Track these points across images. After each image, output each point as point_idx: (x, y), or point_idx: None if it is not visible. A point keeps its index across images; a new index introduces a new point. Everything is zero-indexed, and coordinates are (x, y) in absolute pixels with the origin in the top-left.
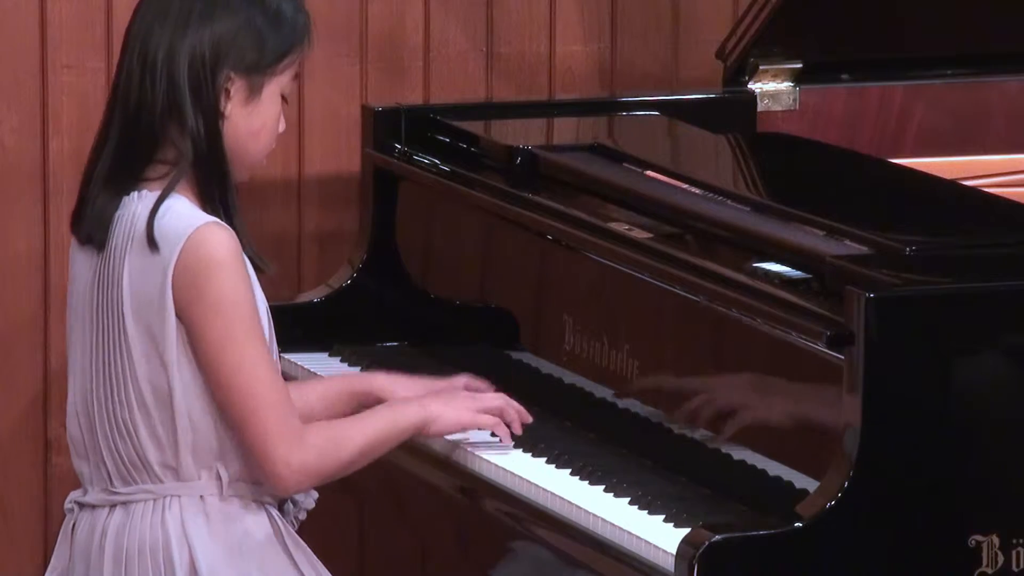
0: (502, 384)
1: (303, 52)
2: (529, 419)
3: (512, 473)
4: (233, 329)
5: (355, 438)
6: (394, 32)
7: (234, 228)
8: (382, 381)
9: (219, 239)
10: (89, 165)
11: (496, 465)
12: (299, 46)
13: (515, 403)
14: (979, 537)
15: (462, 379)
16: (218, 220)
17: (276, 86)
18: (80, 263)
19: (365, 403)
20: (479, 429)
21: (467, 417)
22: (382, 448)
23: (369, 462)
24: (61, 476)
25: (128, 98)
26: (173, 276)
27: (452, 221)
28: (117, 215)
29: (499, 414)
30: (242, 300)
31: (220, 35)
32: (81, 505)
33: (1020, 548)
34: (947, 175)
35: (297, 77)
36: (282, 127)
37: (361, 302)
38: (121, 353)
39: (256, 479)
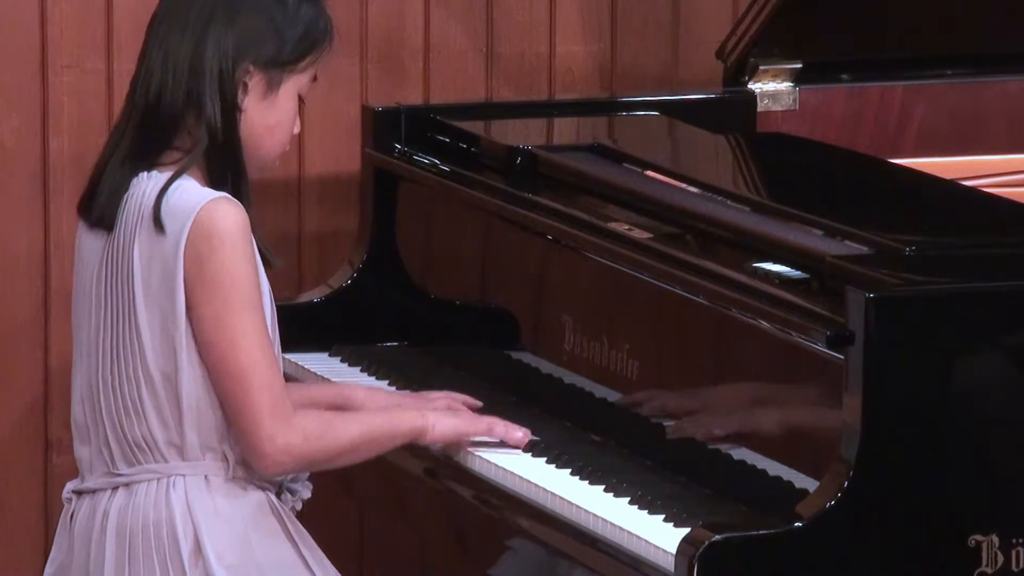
0: (502, 384)
1: (323, 54)
2: (521, 445)
3: (512, 473)
4: (231, 304)
5: (346, 431)
6: (394, 32)
7: None
8: (361, 395)
9: (228, 213)
10: (105, 150)
11: (496, 465)
12: (319, 47)
13: (508, 431)
14: (979, 537)
15: (440, 396)
16: (229, 196)
17: (294, 85)
18: (88, 246)
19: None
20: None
21: (464, 426)
22: (374, 448)
23: (360, 460)
24: (61, 476)
25: (149, 87)
26: (184, 250)
27: (452, 221)
28: (127, 195)
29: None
30: (243, 276)
31: (242, 29)
32: (79, 493)
33: (1020, 548)
34: (947, 175)
35: (316, 79)
36: (297, 128)
37: (361, 302)
38: (130, 332)
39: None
